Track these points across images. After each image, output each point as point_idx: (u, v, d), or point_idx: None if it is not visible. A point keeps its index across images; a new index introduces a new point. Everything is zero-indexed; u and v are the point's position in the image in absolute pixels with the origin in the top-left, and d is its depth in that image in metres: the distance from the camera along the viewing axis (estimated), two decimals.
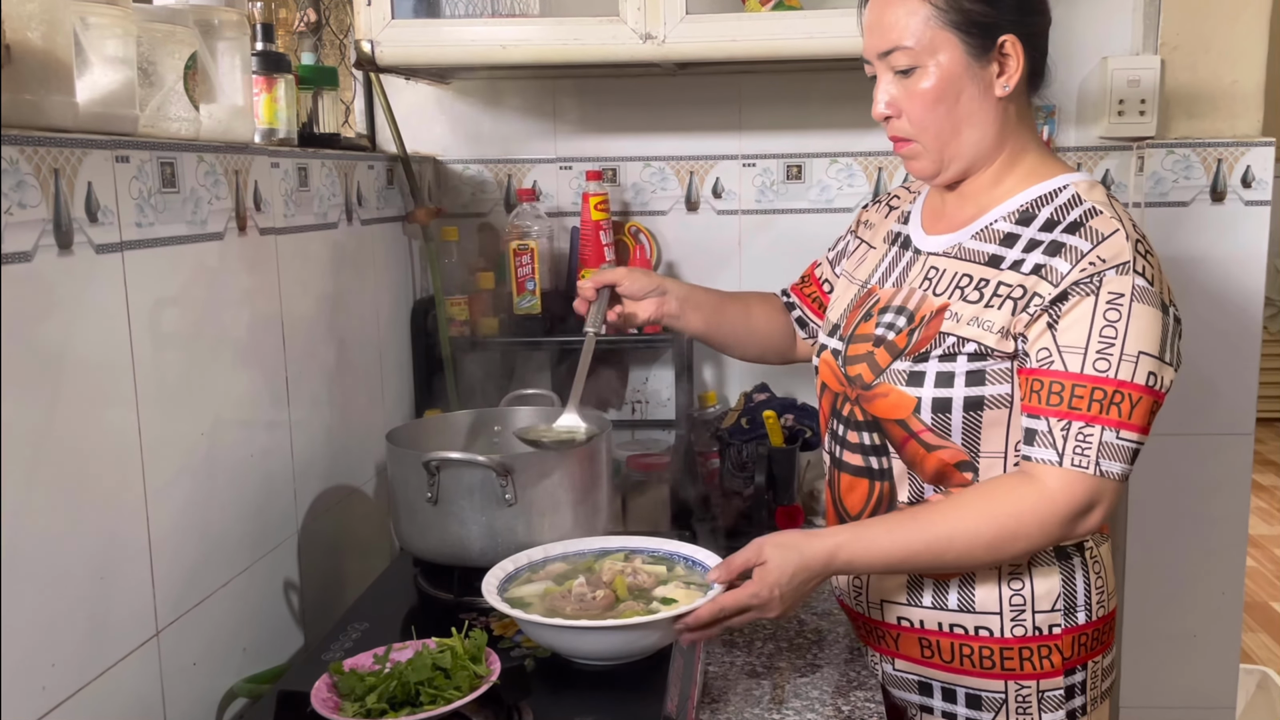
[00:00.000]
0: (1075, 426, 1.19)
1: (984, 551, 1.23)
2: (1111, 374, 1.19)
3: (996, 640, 1.32)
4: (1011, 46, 1.27)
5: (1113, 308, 1.20)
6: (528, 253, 2.00)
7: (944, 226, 1.38)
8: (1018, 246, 1.28)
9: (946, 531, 1.23)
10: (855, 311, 1.43)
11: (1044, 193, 1.31)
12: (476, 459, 1.38)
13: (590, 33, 1.76)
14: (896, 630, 1.38)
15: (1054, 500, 1.20)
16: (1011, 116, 1.31)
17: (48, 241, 1.00)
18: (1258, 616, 3.92)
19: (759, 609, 1.20)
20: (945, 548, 1.23)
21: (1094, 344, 1.19)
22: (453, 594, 1.44)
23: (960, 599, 1.33)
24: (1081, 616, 1.32)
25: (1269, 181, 2.01)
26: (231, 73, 1.35)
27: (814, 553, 1.21)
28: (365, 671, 1.12)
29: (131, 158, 1.12)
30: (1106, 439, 1.19)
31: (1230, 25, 1.99)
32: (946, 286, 1.32)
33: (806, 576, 1.21)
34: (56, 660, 1.01)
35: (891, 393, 1.32)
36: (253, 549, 1.40)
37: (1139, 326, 1.19)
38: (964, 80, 1.27)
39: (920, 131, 1.30)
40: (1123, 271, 1.20)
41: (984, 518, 1.22)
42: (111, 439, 1.10)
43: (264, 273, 1.43)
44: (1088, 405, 1.19)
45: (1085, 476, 1.19)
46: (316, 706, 1.06)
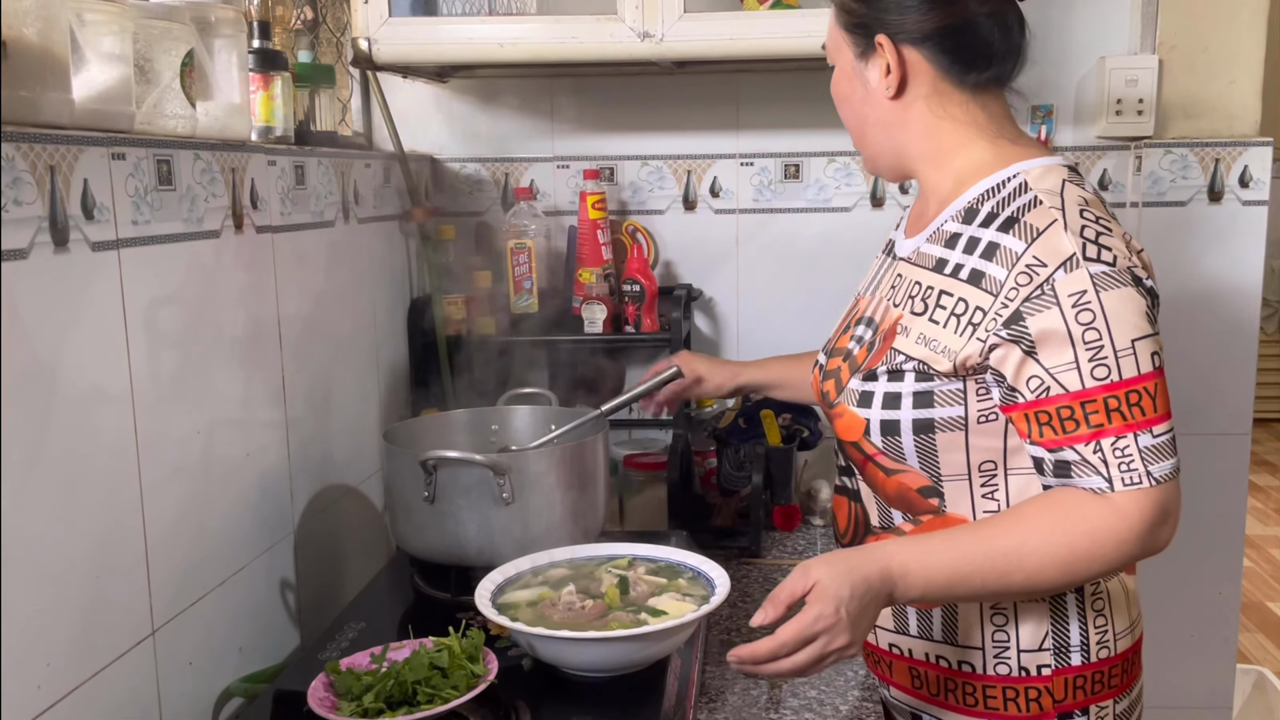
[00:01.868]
0: (1107, 444, 1.08)
1: (1056, 572, 1.09)
2: (1115, 377, 1.08)
3: (978, 677, 1.23)
4: (883, 47, 1.21)
5: (1080, 308, 1.08)
6: (525, 251, 1.99)
7: (917, 228, 1.30)
8: (959, 247, 1.19)
9: (1014, 547, 1.10)
10: (841, 323, 1.39)
11: (991, 185, 1.20)
12: (473, 458, 1.38)
13: (588, 31, 1.76)
14: (890, 658, 1.31)
15: (1128, 517, 1.08)
16: (922, 113, 1.22)
17: (44, 239, 0.99)
18: (1254, 617, 3.92)
19: (827, 634, 1.04)
20: (1015, 565, 1.09)
21: (1083, 354, 1.08)
22: (449, 593, 1.44)
23: (944, 630, 1.24)
24: (1076, 658, 1.21)
25: (1266, 181, 2.01)
26: (228, 70, 1.35)
27: (868, 562, 1.08)
28: (362, 671, 1.12)
29: (128, 155, 1.12)
30: (1144, 444, 1.08)
31: (1228, 25, 1.99)
32: (903, 296, 1.24)
33: (866, 590, 1.06)
34: (51, 659, 1.01)
35: (846, 413, 1.25)
36: (249, 548, 1.40)
37: (1117, 317, 1.08)
38: (853, 82, 1.26)
39: (848, 129, 1.32)
40: (1071, 267, 1.09)
41: (1055, 534, 1.09)
42: (107, 437, 1.10)
43: (260, 271, 1.43)
44: (1108, 418, 1.08)
45: (1145, 491, 1.08)
46: (314, 706, 1.06)
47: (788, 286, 2.15)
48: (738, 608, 1.56)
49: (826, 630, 1.04)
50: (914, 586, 1.09)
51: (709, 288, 2.17)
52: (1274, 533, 4.78)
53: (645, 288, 2.00)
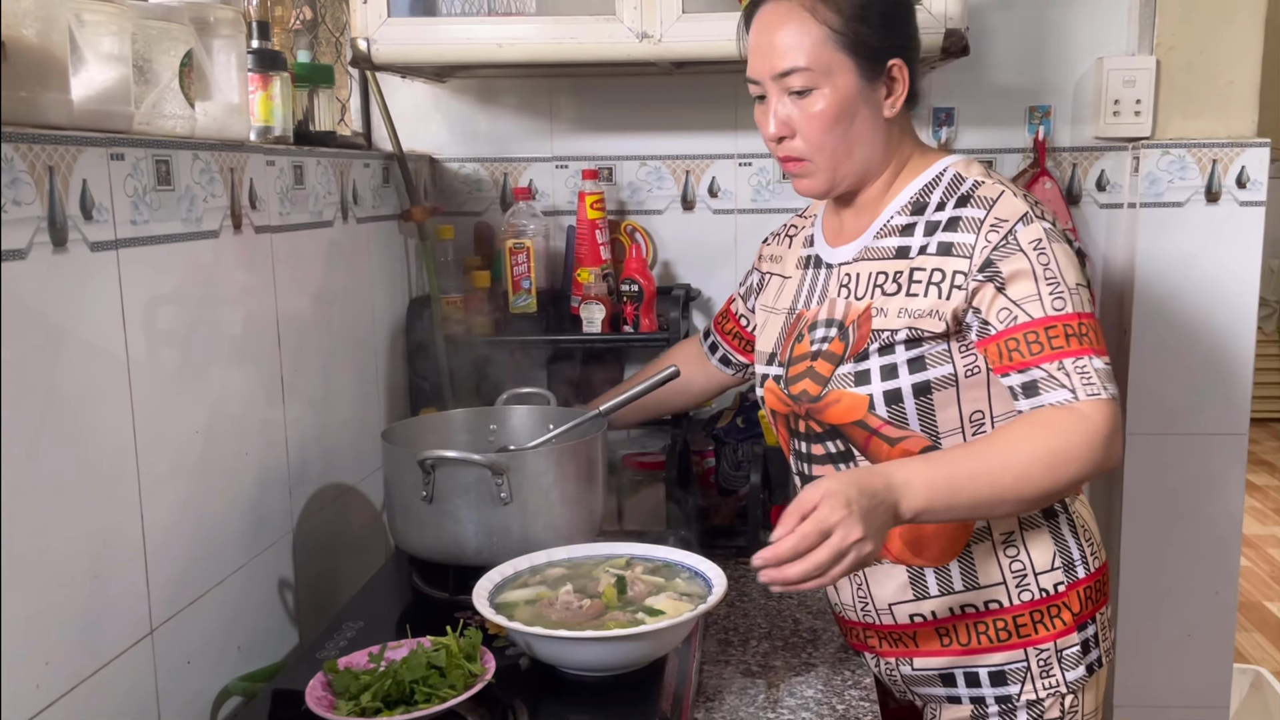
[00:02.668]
0: (1069, 363, 1.22)
1: (1041, 472, 1.20)
2: (1069, 309, 1.24)
3: (1008, 610, 1.34)
4: (899, 71, 1.32)
5: (1039, 252, 1.25)
6: (523, 251, 1.99)
7: (846, 237, 1.41)
8: (918, 232, 1.33)
9: (1003, 453, 1.21)
10: (789, 337, 1.45)
11: (927, 181, 1.36)
12: (472, 457, 1.38)
13: (587, 31, 1.76)
14: (912, 629, 1.39)
15: (1094, 422, 1.21)
16: (896, 132, 1.37)
17: (42, 239, 0.99)
18: (1252, 616, 3.92)
19: (842, 526, 1.10)
20: (1004, 468, 1.20)
21: (1044, 288, 1.24)
22: (448, 593, 1.44)
23: (964, 579, 1.35)
24: (1081, 571, 1.35)
25: (1264, 182, 2.01)
26: (227, 70, 1.35)
27: (872, 475, 1.17)
28: (360, 670, 1.12)
29: (126, 155, 1.12)
30: (1098, 365, 1.22)
31: (1226, 26, 1.99)
32: (865, 288, 1.35)
33: (873, 494, 1.14)
34: (50, 658, 1.01)
35: (844, 397, 1.33)
36: (248, 547, 1.40)
37: (1065, 262, 1.25)
38: (858, 102, 1.31)
39: (816, 152, 1.34)
40: (1027, 221, 1.26)
41: (1037, 440, 1.21)
42: (106, 437, 1.10)
43: (259, 271, 1.43)
44: (1066, 341, 1.23)
45: (1103, 402, 1.21)
46: (311, 705, 1.06)
47: None
48: (735, 607, 1.56)
49: (840, 522, 1.11)
50: (918, 495, 1.17)
51: (707, 288, 2.17)
52: (1272, 532, 4.78)
53: (644, 288, 2.00)
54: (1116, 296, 2.11)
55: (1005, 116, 2.10)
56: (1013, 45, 2.07)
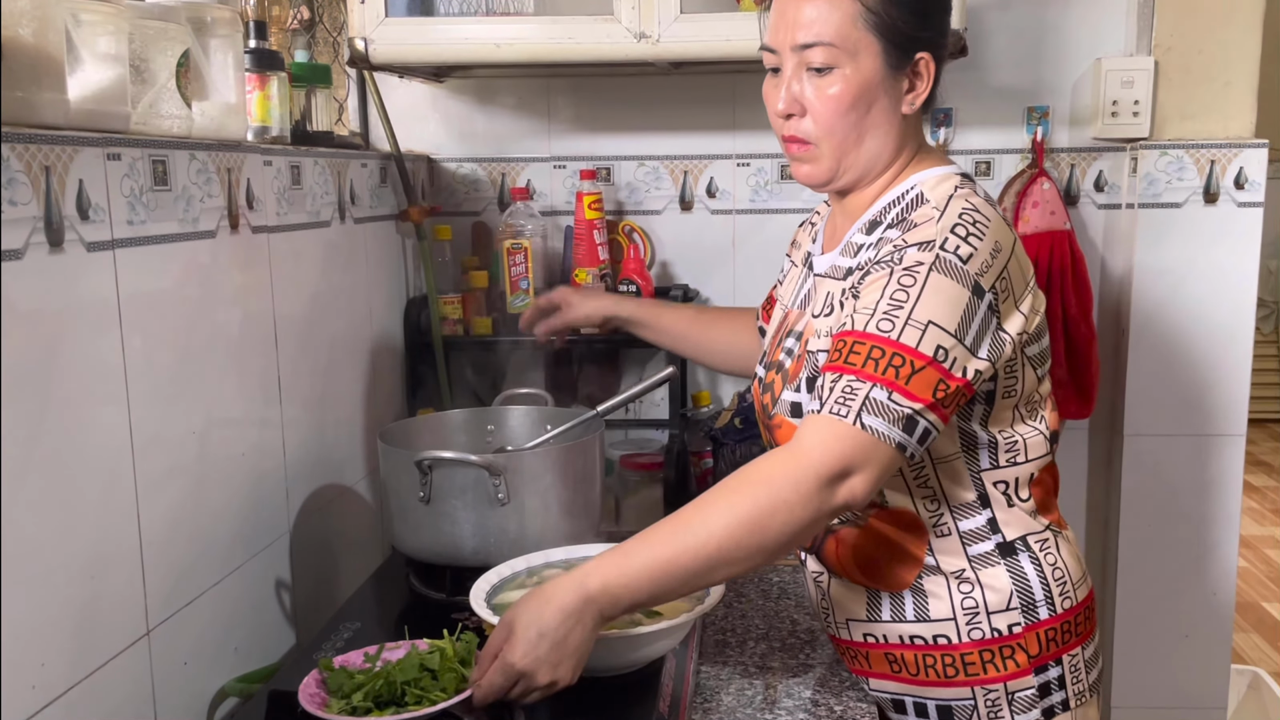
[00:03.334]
0: (845, 380, 1.12)
1: (747, 532, 1.09)
2: (894, 335, 1.12)
3: (956, 647, 1.28)
4: (925, 65, 1.25)
5: (908, 274, 1.15)
6: (521, 252, 1.99)
7: (831, 243, 1.36)
8: (861, 254, 1.26)
9: (703, 520, 1.10)
10: (775, 337, 1.41)
11: (894, 197, 1.27)
12: (469, 458, 1.38)
13: (584, 31, 1.76)
14: (865, 648, 1.34)
15: (808, 455, 1.10)
16: (908, 132, 1.29)
17: (39, 239, 0.99)
18: (1249, 617, 3.92)
19: (525, 680, 1.07)
20: (704, 541, 1.09)
21: (882, 305, 1.14)
22: (445, 594, 1.44)
23: (916, 609, 1.29)
24: (1043, 611, 1.27)
25: (1262, 183, 2.01)
26: (224, 70, 1.35)
27: (563, 593, 1.08)
28: (355, 669, 1.12)
29: (123, 155, 1.12)
30: (875, 395, 1.11)
31: (1224, 26, 1.99)
32: (821, 308, 1.30)
33: (562, 622, 1.07)
34: (46, 659, 1.01)
35: (784, 424, 1.29)
36: (244, 548, 1.40)
37: (934, 298, 1.13)
38: (878, 90, 1.23)
39: (824, 135, 1.25)
40: (925, 249, 1.16)
41: (736, 494, 1.11)
42: (102, 437, 1.10)
43: (256, 271, 1.43)
44: (863, 362, 1.12)
45: (842, 427, 1.10)
46: (303, 702, 1.06)
47: None
48: (733, 608, 1.56)
49: (520, 676, 1.07)
50: (621, 598, 1.09)
51: (705, 288, 2.17)
52: (1269, 533, 4.78)
53: (641, 288, 2.00)
54: (1114, 297, 2.11)
55: (1003, 117, 2.10)
56: (1011, 46, 2.07)
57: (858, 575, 1.32)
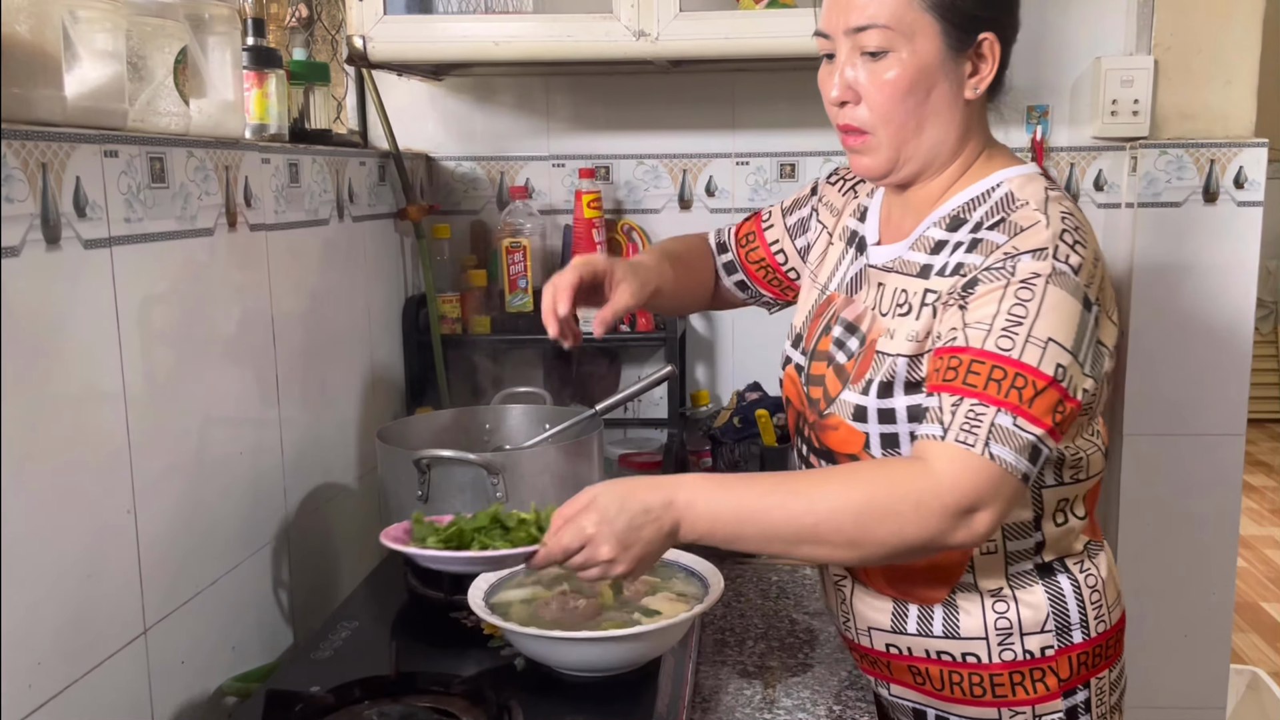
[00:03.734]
0: (967, 404, 1.06)
1: (850, 522, 1.05)
2: (1014, 354, 1.06)
3: (985, 667, 1.24)
4: (989, 47, 1.17)
5: (1025, 288, 1.09)
6: (520, 250, 1.99)
7: (892, 235, 1.28)
8: (945, 252, 1.19)
9: (809, 489, 1.08)
10: (816, 321, 1.34)
11: (977, 194, 1.21)
12: (467, 457, 1.38)
13: (583, 30, 1.75)
14: (887, 658, 1.30)
15: (938, 481, 1.04)
16: (971, 122, 1.22)
17: (35, 236, 0.99)
18: (1248, 617, 3.92)
19: (590, 547, 1.05)
20: (806, 508, 1.06)
21: (1000, 321, 1.08)
22: (443, 593, 1.43)
23: (945, 624, 1.24)
24: (1077, 635, 1.24)
25: (1261, 182, 2.01)
26: (222, 68, 1.35)
27: (652, 489, 1.07)
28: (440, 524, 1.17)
29: (120, 152, 1.12)
30: (1000, 421, 1.05)
31: (1224, 26, 1.99)
32: (889, 305, 1.23)
33: (642, 513, 1.05)
34: (43, 658, 1.00)
35: (841, 426, 1.23)
36: (242, 547, 1.39)
37: (1053, 313, 1.08)
38: (938, 75, 1.16)
39: (881, 123, 1.18)
40: (1040, 257, 1.10)
41: (854, 483, 1.07)
42: (99, 436, 1.10)
43: (254, 269, 1.43)
44: (984, 383, 1.06)
45: (973, 458, 1.04)
46: (384, 539, 1.14)
47: None
48: (731, 608, 1.56)
49: (589, 540, 1.05)
50: (701, 519, 1.07)
51: None
52: (1268, 533, 4.78)
53: None
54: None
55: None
56: None
57: (886, 587, 1.28)
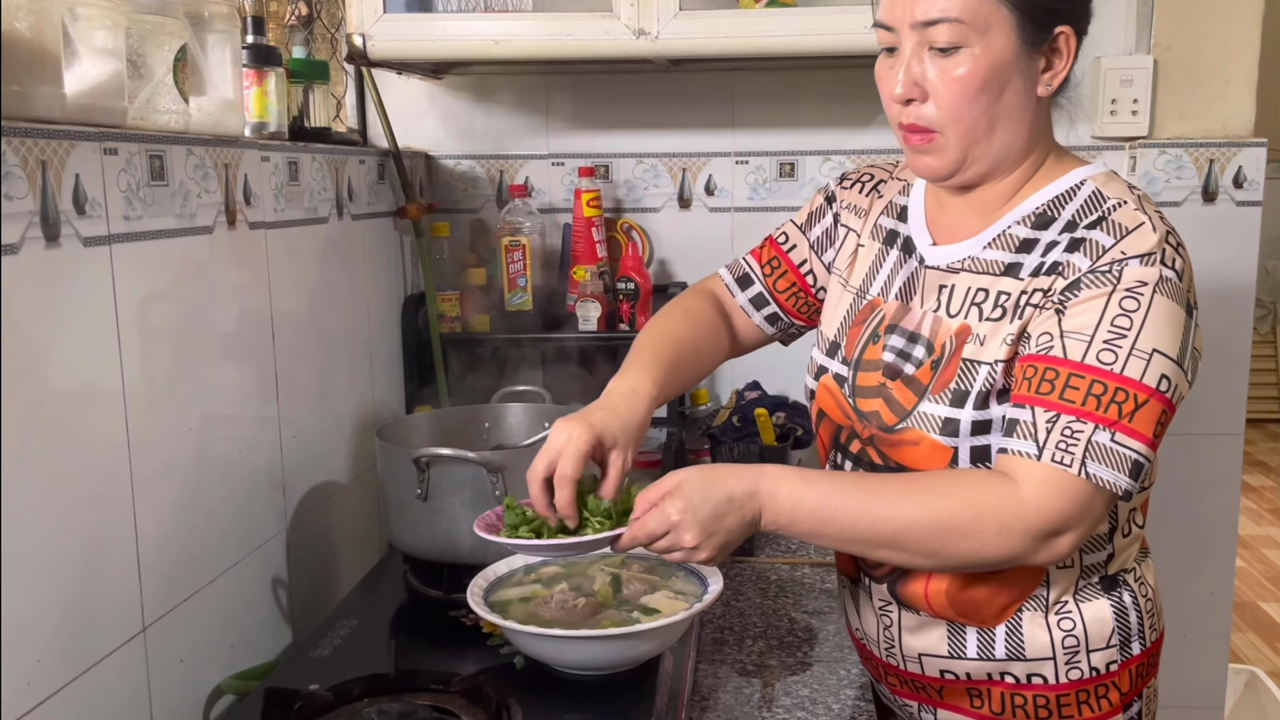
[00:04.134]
0: (1064, 420, 1.02)
1: (931, 534, 1.04)
2: (1118, 368, 1.02)
3: (1051, 687, 1.19)
4: (1065, 41, 1.10)
5: (1131, 296, 1.04)
6: (519, 249, 1.99)
7: (949, 236, 1.21)
8: (1036, 251, 1.13)
9: (894, 496, 1.06)
10: (857, 329, 1.26)
11: (1061, 191, 1.15)
12: (467, 455, 1.38)
13: (583, 28, 1.75)
14: (939, 683, 1.24)
15: (1026, 506, 1.02)
16: (1042, 120, 1.16)
17: (34, 234, 0.99)
18: (1246, 617, 3.93)
19: (674, 533, 1.06)
20: (889, 514, 1.05)
21: (1103, 332, 1.03)
22: (442, 591, 1.43)
23: (1009, 646, 1.19)
24: (1136, 647, 1.20)
25: (1260, 182, 2.01)
26: (221, 66, 1.35)
27: (737, 478, 1.07)
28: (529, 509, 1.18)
29: (120, 150, 1.11)
30: (1098, 439, 1.01)
31: (1223, 26, 1.99)
32: (960, 305, 1.16)
33: (726, 501, 1.05)
34: (41, 656, 1.00)
35: (923, 441, 1.15)
36: (241, 545, 1.39)
37: (1158, 321, 1.04)
38: (1012, 71, 1.09)
39: (951, 122, 1.11)
40: (1148, 262, 1.05)
41: (940, 496, 1.05)
42: (98, 433, 1.09)
43: (254, 267, 1.43)
44: (1083, 399, 1.02)
45: (1067, 479, 1.02)
46: (478, 528, 1.17)
47: None
48: (731, 606, 1.56)
49: (674, 526, 1.06)
50: (781, 510, 1.07)
51: None
52: (1267, 533, 4.79)
53: (640, 286, 2.00)
54: None
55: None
56: None
57: (949, 612, 1.21)
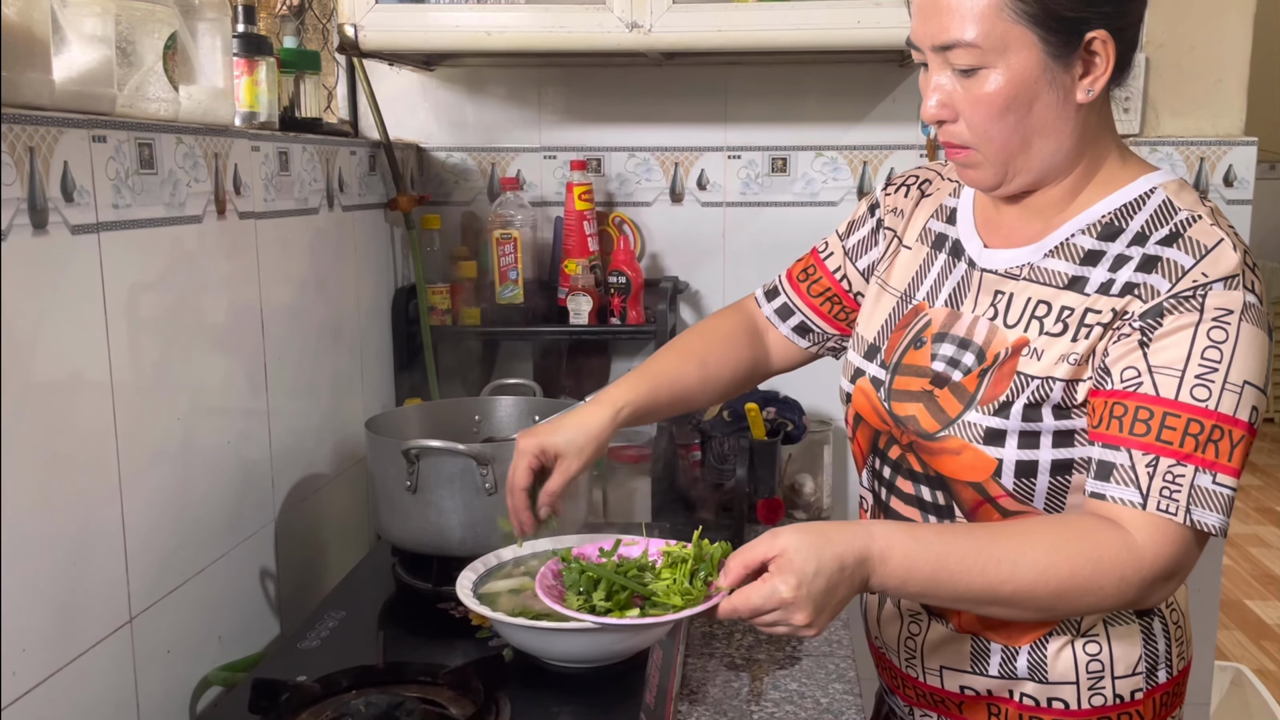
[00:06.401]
0: (1164, 464, 0.99)
1: (1048, 595, 1.00)
2: (1212, 405, 0.99)
3: (1073, 713, 1.16)
4: (1101, 45, 1.04)
5: (1219, 326, 1.00)
6: (511, 242, 1.98)
7: (1004, 239, 1.16)
8: (1103, 265, 1.08)
9: (1012, 555, 1.00)
10: (899, 333, 1.22)
11: (1129, 200, 1.10)
12: (456, 447, 1.38)
13: (576, 21, 1.75)
14: (958, 698, 1.21)
15: (1140, 555, 0.99)
16: (1093, 122, 1.10)
17: (22, 221, 0.98)
18: (1233, 615, 3.95)
19: (783, 609, 0.96)
20: (1006, 576, 1.00)
21: (1194, 367, 1.00)
22: (431, 583, 1.43)
23: (1031, 667, 1.16)
24: (1163, 675, 1.16)
25: (1250, 181, 2.02)
26: (212, 54, 1.34)
27: (845, 540, 0.98)
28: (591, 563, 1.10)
29: (109, 138, 1.11)
30: (1200, 483, 0.99)
31: (1215, 24, 1.99)
32: (1020, 316, 1.11)
33: (838, 569, 0.97)
34: (26, 645, 1.00)
35: (965, 450, 1.11)
36: (229, 536, 1.39)
37: (1247, 351, 1.00)
38: (1039, 86, 1.04)
39: (982, 141, 1.08)
40: (1232, 286, 1.01)
41: (1058, 555, 1.00)
42: (85, 423, 1.09)
43: (243, 257, 1.42)
44: (1180, 440, 0.99)
45: (1175, 528, 0.99)
46: (541, 594, 1.06)
47: None
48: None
49: (783, 606, 0.96)
50: (893, 575, 1.00)
51: (695, 280, 2.17)
52: (1253, 531, 4.81)
53: (631, 280, 1.99)
54: None
55: None
56: None
57: (976, 626, 1.18)
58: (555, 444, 1.23)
